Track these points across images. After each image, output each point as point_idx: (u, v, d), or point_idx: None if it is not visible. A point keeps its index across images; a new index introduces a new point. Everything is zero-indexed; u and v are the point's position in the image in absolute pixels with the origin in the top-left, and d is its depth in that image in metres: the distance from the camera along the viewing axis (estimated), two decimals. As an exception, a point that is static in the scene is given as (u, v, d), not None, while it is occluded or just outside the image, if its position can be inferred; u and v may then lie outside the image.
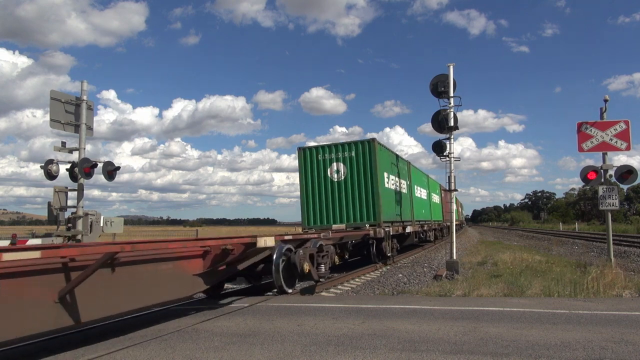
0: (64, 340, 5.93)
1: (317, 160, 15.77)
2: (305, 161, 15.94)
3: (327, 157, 15.69)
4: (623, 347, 4.83)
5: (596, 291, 8.73)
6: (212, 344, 5.39)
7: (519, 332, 5.57)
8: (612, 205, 11.59)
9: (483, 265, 14.78)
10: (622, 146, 11.54)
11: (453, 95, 13.19)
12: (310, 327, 6.09)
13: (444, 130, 13.37)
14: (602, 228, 32.62)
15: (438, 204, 31.24)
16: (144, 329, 6.29)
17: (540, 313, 6.72)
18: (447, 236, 31.13)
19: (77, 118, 10.84)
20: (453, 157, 13.40)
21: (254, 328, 6.15)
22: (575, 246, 26.29)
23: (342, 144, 15.70)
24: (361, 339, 5.43)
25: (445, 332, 5.66)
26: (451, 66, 13.29)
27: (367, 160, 15.17)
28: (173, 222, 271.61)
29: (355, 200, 15.25)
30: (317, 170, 15.75)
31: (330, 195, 15.52)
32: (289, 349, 5.05)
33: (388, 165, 16.71)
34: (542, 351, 4.74)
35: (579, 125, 11.92)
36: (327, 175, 15.63)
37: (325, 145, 15.89)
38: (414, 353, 4.79)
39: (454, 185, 13.55)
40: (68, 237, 10.56)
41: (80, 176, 10.63)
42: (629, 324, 5.94)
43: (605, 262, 11.45)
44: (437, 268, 14.41)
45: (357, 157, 15.31)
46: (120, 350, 5.22)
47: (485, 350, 4.84)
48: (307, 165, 15.89)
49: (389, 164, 16.94)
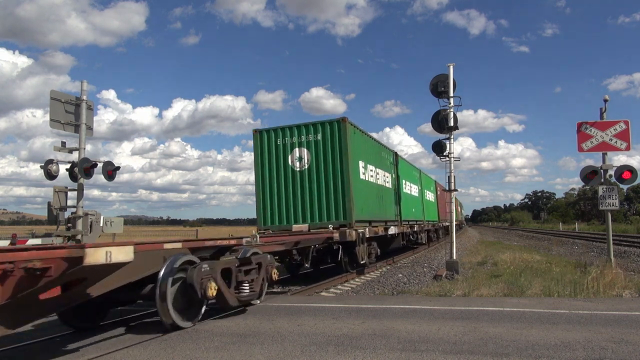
0: (64, 340, 5.93)
1: (276, 145, 13.10)
2: (262, 146, 13.32)
3: (287, 141, 13.02)
4: (623, 347, 4.83)
5: (596, 291, 8.73)
6: (212, 344, 5.39)
7: (519, 332, 5.57)
8: (612, 205, 11.59)
9: (483, 265, 14.78)
10: (622, 146, 11.54)
11: (453, 95, 13.20)
12: (310, 327, 6.09)
13: (444, 130, 13.38)
14: (602, 228, 32.63)
15: (433, 203, 28.76)
16: (144, 329, 6.28)
17: (540, 313, 6.72)
18: (443, 238, 30.93)
19: (77, 118, 10.83)
20: (453, 157, 13.41)
21: (254, 328, 6.15)
22: (575, 246, 26.30)
23: (305, 124, 12.99)
24: (361, 339, 5.43)
25: (445, 332, 5.66)
26: (451, 66, 13.30)
27: (337, 145, 12.54)
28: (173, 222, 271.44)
29: (322, 194, 12.63)
30: (275, 157, 13.12)
31: (291, 188, 12.93)
32: (289, 349, 5.05)
33: (366, 152, 14.13)
34: (542, 351, 4.74)
35: (578, 125, 11.92)
36: (287, 164, 13.00)
37: (285, 127, 13.19)
38: (414, 353, 4.79)
39: (454, 185, 13.55)
40: (68, 237, 10.56)
41: (80, 176, 10.62)
42: (629, 324, 5.94)
43: (605, 262, 11.45)
44: (437, 268, 14.42)
45: (324, 141, 12.68)
46: (120, 350, 5.22)
47: (485, 350, 4.84)
48: (264, 151, 13.28)
49: (368, 152, 14.39)
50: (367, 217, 13.56)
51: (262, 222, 13.07)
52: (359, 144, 13.47)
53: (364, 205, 13.31)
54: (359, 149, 13.43)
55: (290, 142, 13.02)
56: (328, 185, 12.57)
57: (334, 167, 12.52)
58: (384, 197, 15.66)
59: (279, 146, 13.10)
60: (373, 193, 14.58)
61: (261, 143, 13.30)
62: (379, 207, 15.09)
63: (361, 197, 13.12)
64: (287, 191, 12.95)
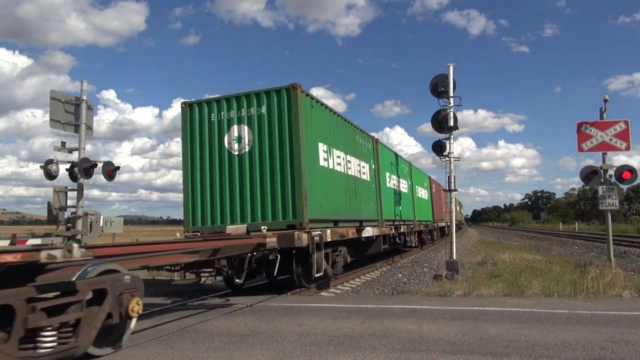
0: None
1: (210, 122, 10.12)
2: (192, 124, 10.28)
3: (224, 116, 10.03)
4: (623, 347, 4.83)
5: (596, 291, 8.73)
6: (212, 344, 5.39)
7: (519, 332, 5.57)
8: (612, 205, 11.59)
9: (483, 265, 14.79)
10: (621, 146, 11.54)
11: (453, 95, 13.20)
12: (310, 327, 6.09)
13: (444, 130, 13.38)
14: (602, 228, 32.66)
15: (426, 201, 25.48)
16: (144, 329, 6.28)
17: (540, 313, 6.72)
18: (439, 240, 29.33)
19: (77, 118, 10.83)
20: (453, 157, 13.42)
21: (254, 328, 6.15)
22: (575, 246, 26.30)
23: (246, 94, 9.96)
24: (361, 339, 5.43)
25: (445, 332, 5.66)
26: (451, 66, 13.30)
27: (286, 121, 9.52)
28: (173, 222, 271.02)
29: (266, 185, 9.57)
30: (209, 137, 10.12)
31: (227, 177, 9.90)
32: (289, 349, 5.05)
33: (330, 133, 11.18)
34: (542, 351, 4.74)
35: (578, 125, 11.92)
36: (223, 146, 10.00)
37: (222, 98, 10.18)
38: (414, 353, 4.79)
39: (454, 185, 13.56)
40: (68, 237, 10.56)
41: (80, 176, 10.62)
42: (629, 324, 5.94)
43: (605, 262, 11.46)
44: (437, 268, 14.42)
45: (269, 115, 9.67)
46: (120, 350, 5.22)
47: (485, 350, 4.84)
48: (194, 130, 10.25)
49: (333, 133, 11.39)
50: (329, 215, 10.57)
51: (190, 222, 10.08)
52: (319, 121, 10.52)
53: (324, 200, 10.31)
54: (320, 128, 10.53)
55: (227, 117, 10.01)
56: (274, 173, 9.54)
57: (282, 150, 9.52)
58: (357, 191, 12.58)
59: (214, 123, 10.09)
60: (340, 185, 11.41)
61: (191, 119, 10.29)
62: (350, 204, 12.01)
63: (320, 189, 10.13)
64: (223, 182, 9.92)
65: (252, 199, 9.69)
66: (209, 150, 10.09)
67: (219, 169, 10.00)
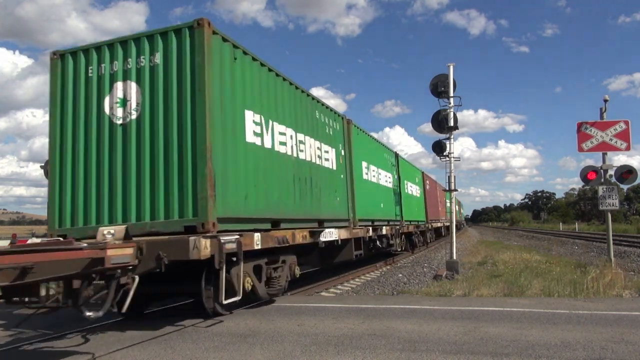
0: (63, 340, 5.93)
1: (87, 79, 7.00)
2: (64, 82, 7.16)
3: (105, 69, 6.89)
4: (623, 347, 4.83)
5: (596, 291, 8.73)
6: (212, 344, 5.39)
7: (519, 332, 5.57)
8: (612, 205, 11.59)
9: (483, 265, 14.79)
10: (622, 146, 11.55)
11: (453, 95, 13.20)
12: (311, 327, 6.09)
13: (444, 130, 13.39)
14: (602, 228, 32.64)
15: (418, 198, 22.29)
16: (144, 329, 6.28)
17: (540, 313, 6.73)
18: (433, 242, 27.30)
19: (77, 118, 10.76)
20: (453, 157, 13.42)
21: (254, 328, 6.15)
22: (575, 246, 26.30)
23: (135, 37, 6.83)
24: (361, 339, 5.43)
25: (445, 332, 5.66)
26: (451, 66, 13.30)
27: (188, 75, 6.42)
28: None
29: (158, 168, 6.46)
30: (85, 100, 7.01)
31: (106, 158, 6.78)
32: (289, 349, 5.05)
33: (265, 98, 7.85)
34: (542, 351, 4.74)
35: (578, 125, 11.92)
36: (102, 112, 6.87)
37: (103, 44, 6.97)
38: (414, 353, 4.79)
39: (454, 185, 13.56)
40: (68, 237, 10.56)
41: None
42: (629, 324, 5.94)
43: (605, 262, 11.45)
44: (437, 268, 14.43)
45: (166, 67, 6.58)
46: (120, 350, 5.22)
47: (485, 350, 4.84)
48: (65, 91, 7.14)
49: (272, 98, 8.08)
50: (263, 212, 7.46)
51: (56, 221, 7.11)
52: (248, 80, 7.40)
53: (253, 190, 7.22)
54: (249, 91, 7.36)
55: (109, 71, 6.89)
56: (169, 150, 6.44)
57: (182, 117, 6.41)
58: (314, 181, 9.50)
59: (92, 79, 6.98)
60: (284, 172, 8.29)
61: (63, 76, 7.19)
62: (301, 198, 8.93)
63: (245, 175, 7.04)
64: (101, 164, 6.82)
65: (139, 188, 6.55)
66: (84, 120, 7.04)
67: (96, 146, 6.91)
